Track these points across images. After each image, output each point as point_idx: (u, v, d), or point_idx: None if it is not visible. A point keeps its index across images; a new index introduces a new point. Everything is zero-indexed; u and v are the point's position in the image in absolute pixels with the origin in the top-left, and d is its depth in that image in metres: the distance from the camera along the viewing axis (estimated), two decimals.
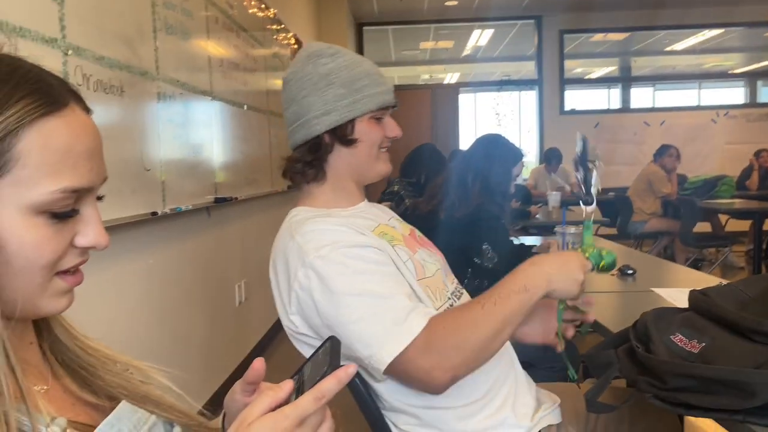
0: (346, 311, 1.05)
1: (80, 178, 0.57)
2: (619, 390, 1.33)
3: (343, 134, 1.20)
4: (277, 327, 4.23)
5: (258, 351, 3.72)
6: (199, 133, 2.76)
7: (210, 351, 2.95)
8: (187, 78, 2.58)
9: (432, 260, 1.26)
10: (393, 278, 1.10)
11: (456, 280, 1.33)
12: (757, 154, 6.88)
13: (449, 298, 1.22)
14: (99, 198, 0.62)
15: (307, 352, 1.18)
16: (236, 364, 3.26)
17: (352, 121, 1.20)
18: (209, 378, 2.88)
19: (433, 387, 1.06)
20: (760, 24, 8.22)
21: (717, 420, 0.99)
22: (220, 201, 2.91)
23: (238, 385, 0.67)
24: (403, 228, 1.31)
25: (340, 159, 1.23)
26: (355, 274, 1.06)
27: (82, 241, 0.59)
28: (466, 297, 1.29)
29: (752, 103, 8.54)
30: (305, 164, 1.23)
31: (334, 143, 1.21)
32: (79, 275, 0.61)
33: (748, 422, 0.94)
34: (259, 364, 0.62)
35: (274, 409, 0.56)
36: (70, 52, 1.67)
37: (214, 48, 2.97)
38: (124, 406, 0.63)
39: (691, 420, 1.33)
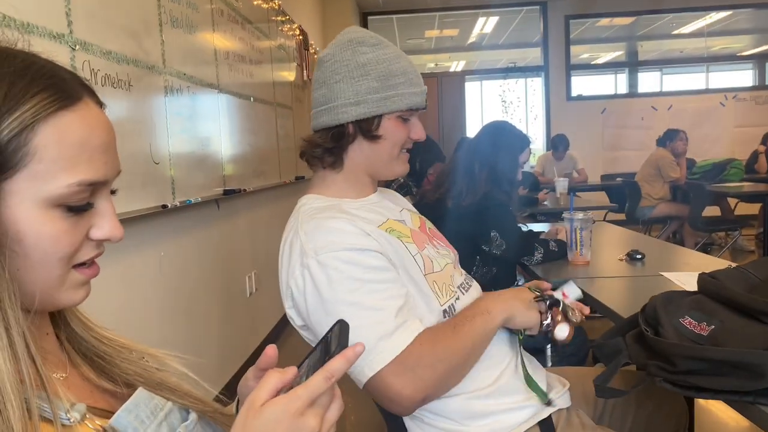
0: (332, 320, 1.05)
1: (96, 171, 0.58)
2: (629, 374, 1.34)
3: (368, 128, 1.19)
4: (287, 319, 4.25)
5: (271, 339, 3.75)
6: (207, 126, 2.77)
7: (224, 340, 2.98)
8: (194, 71, 2.59)
9: (441, 255, 1.25)
10: (387, 287, 1.08)
11: (464, 273, 1.33)
12: (766, 137, 6.82)
13: (456, 292, 1.22)
14: (113, 192, 0.63)
15: (310, 342, 1.19)
16: (249, 352, 3.29)
17: (379, 117, 1.18)
18: (223, 366, 2.91)
19: (402, 407, 1.07)
20: None
21: (727, 402, 1.00)
22: (228, 193, 2.93)
23: (250, 372, 0.68)
24: (413, 221, 1.30)
25: (360, 151, 1.21)
26: (348, 281, 1.06)
27: (97, 233, 0.60)
28: (474, 289, 1.29)
29: (761, 86, 8.45)
30: (325, 150, 1.21)
31: (357, 135, 1.20)
32: (95, 267, 0.62)
33: (758, 403, 0.95)
34: (272, 350, 0.63)
35: (280, 391, 0.57)
36: (77, 47, 1.68)
37: (219, 41, 2.98)
38: (141, 392, 0.64)
39: (701, 402, 1.34)
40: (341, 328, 0.61)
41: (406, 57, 1.23)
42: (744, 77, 8.96)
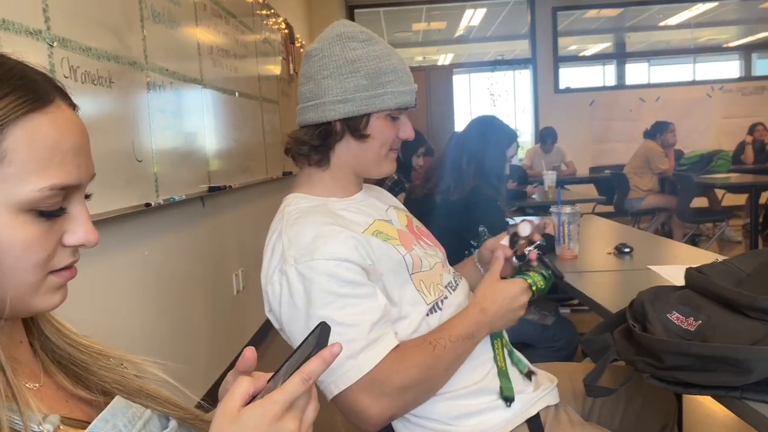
0: (304, 331, 1.04)
1: (68, 175, 0.56)
2: (618, 369, 1.34)
3: (356, 127, 1.16)
4: None
5: (258, 338, 3.73)
6: (191, 122, 2.74)
7: (211, 340, 2.96)
8: (177, 66, 2.56)
9: (429, 255, 1.24)
10: (363, 302, 1.06)
11: (452, 271, 1.32)
12: (752, 128, 6.87)
13: (443, 291, 1.21)
14: (87, 196, 0.61)
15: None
16: (237, 351, 3.27)
17: (368, 116, 1.16)
18: (211, 367, 2.89)
19: (368, 425, 1.06)
20: None
21: (714, 397, 1.00)
22: (214, 190, 2.90)
23: (230, 375, 0.67)
24: (400, 220, 1.29)
25: (347, 150, 1.19)
26: (324, 294, 1.04)
27: (71, 239, 0.59)
28: (461, 288, 1.27)
29: (747, 77, 8.50)
30: (311, 148, 1.19)
31: (345, 133, 1.17)
32: (72, 270, 0.61)
33: (744, 398, 0.95)
34: (250, 353, 0.62)
35: (255, 396, 0.57)
36: (55, 43, 1.65)
37: (203, 35, 2.94)
38: (118, 401, 0.63)
39: (689, 397, 1.34)
40: (322, 329, 0.61)
41: (397, 54, 1.20)
42: (730, 68, 9.02)
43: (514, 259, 1.24)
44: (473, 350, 1.14)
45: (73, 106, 0.60)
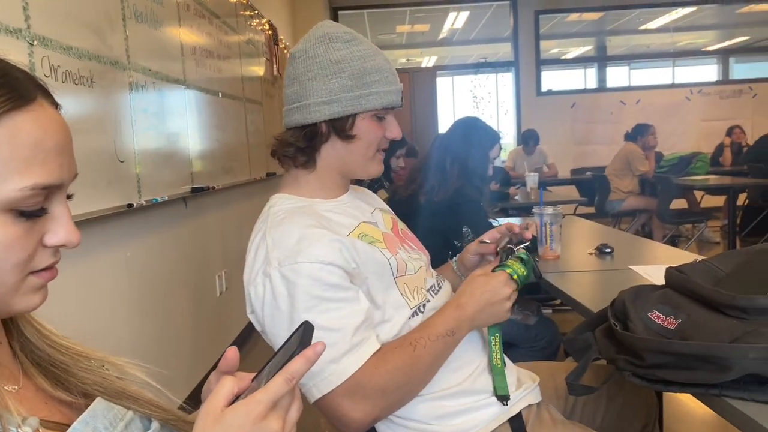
0: (287, 334, 1.04)
1: (50, 174, 0.56)
2: (599, 369, 1.35)
3: (341, 128, 1.15)
4: None
5: (242, 339, 3.71)
6: (174, 123, 2.72)
7: (194, 341, 2.94)
8: (160, 67, 2.54)
9: (413, 258, 1.24)
10: (346, 305, 1.06)
11: (435, 274, 1.32)
12: (730, 130, 6.99)
13: (426, 295, 1.21)
14: (69, 196, 0.61)
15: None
16: (221, 353, 3.25)
17: (353, 116, 1.15)
18: (194, 368, 2.87)
19: (351, 429, 1.06)
20: (733, 0, 8.29)
21: (694, 395, 1.01)
22: (197, 191, 2.88)
23: (213, 376, 0.67)
24: (385, 222, 1.28)
25: (333, 151, 1.18)
26: (307, 297, 1.03)
27: (52, 239, 0.58)
28: (444, 291, 1.27)
29: (725, 80, 8.64)
30: (297, 149, 1.18)
31: (331, 135, 1.16)
32: (53, 270, 0.60)
33: (724, 396, 0.96)
34: (232, 353, 0.62)
35: (239, 396, 0.57)
36: (35, 42, 1.63)
37: (186, 35, 2.92)
38: (99, 402, 0.62)
39: (669, 395, 1.35)
40: (306, 329, 0.61)
41: (381, 53, 1.19)
42: (709, 72, 9.14)
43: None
44: (455, 349, 1.13)
45: (56, 105, 0.60)
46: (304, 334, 0.60)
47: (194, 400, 0.71)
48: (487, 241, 1.32)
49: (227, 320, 3.55)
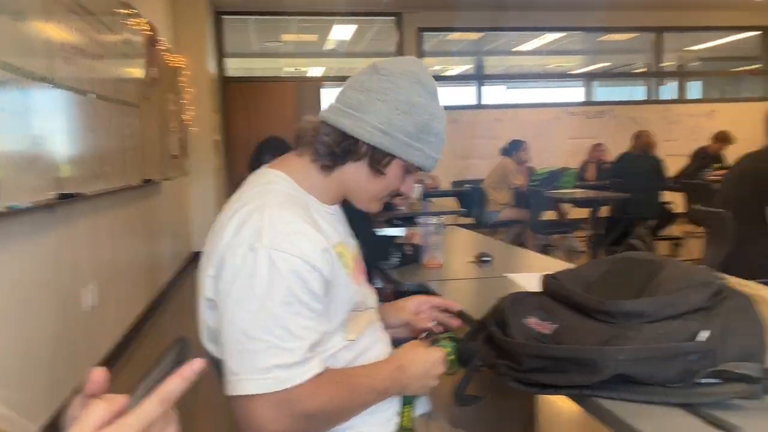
0: (248, 318, 1.00)
1: None
2: (484, 375, 1.39)
3: (378, 160, 1.15)
4: (135, 330, 3.98)
5: (114, 357, 3.48)
6: (38, 124, 2.51)
7: (55, 361, 2.71)
8: (22, 63, 2.33)
9: (368, 296, 1.25)
10: (314, 317, 1.04)
11: (378, 318, 1.32)
12: (595, 148, 7.59)
13: (362, 332, 1.20)
14: None
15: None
16: (85, 374, 3.02)
17: (394, 157, 1.16)
18: (54, 391, 2.65)
19: None
20: (595, 29, 9.03)
21: (568, 396, 1.07)
22: (65, 197, 2.67)
23: (77, 400, 0.60)
24: (353, 251, 1.26)
25: (356, 173, 1.17)
26: (286, 292, 1.00)
27: None
28: (382, 338, 1.28)
29: (590, 101, 9.35)
30: (329, 153, 1.15)
31: (364, 158, 1.16)
32: None
33: (595, 396, 1.03)
34: (98, 375, 0.55)
35: (111, 423, 0.50)
36: None
37: (54, 31, 2.71)
38: None
39: (544, 398, 1.42)
40: (183, 345, 0.56)
41: (446, 120, 1.22)
42: (576, 93, 9.85)
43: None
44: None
45: None
46: (180, 350, 0.56)
47: (54, 428, 0.64)
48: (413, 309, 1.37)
49: (96, 337, 3.32)
